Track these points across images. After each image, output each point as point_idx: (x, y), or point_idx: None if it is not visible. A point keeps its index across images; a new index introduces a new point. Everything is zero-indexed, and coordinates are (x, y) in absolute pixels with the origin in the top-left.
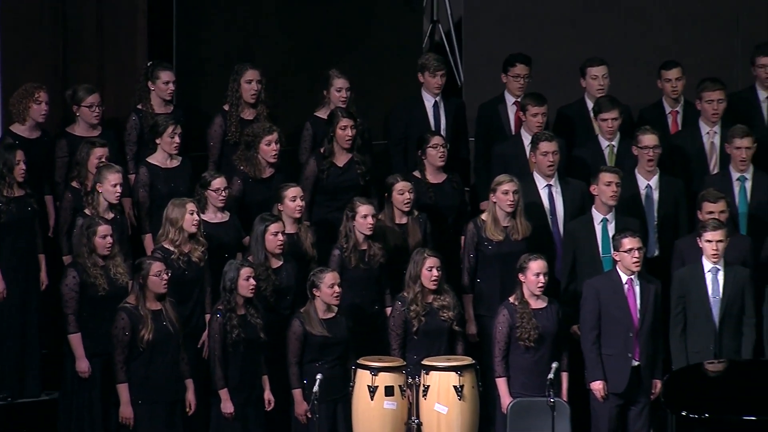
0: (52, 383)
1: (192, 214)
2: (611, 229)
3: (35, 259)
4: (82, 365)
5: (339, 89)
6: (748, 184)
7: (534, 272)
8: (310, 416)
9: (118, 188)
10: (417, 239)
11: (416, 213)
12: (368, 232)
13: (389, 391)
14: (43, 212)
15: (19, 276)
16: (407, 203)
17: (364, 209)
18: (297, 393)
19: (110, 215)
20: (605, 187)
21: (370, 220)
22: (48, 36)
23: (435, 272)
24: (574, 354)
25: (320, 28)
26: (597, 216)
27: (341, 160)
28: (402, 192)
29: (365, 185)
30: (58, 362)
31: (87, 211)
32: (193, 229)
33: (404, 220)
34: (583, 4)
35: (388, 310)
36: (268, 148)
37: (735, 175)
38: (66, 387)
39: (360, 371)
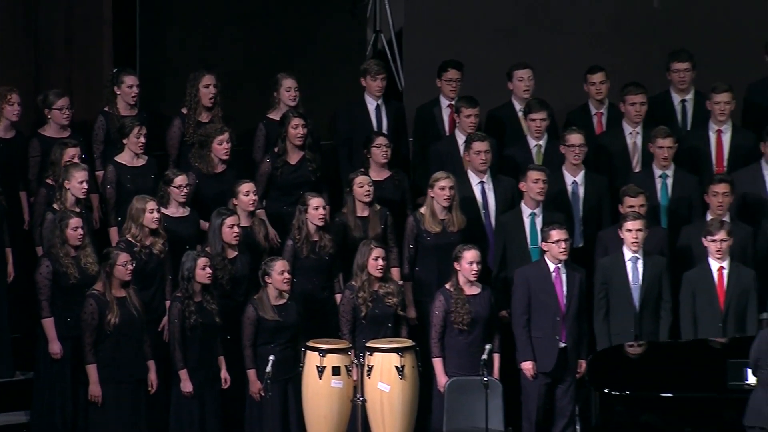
0: (27, 364)
1: (152, 212)
2: (539, 222)
3: (2, 253)
4: (54, 347)
5: (288, 88)
6: (669, 181)
7: (468, 261)
8: (263, 394)
9: (84, 185)
10: (377, 231)
11: (378, 207)
12: (319, 224)
13: (336, 371)
14: (18, 207)
15: None
16: (367, 195)
17: (315, 202)
18: (251, 373)
19: (77, 209)
20: (533, 184)
21: (321, 211)
22: (21, 44)
23: (380, 262)
24: (505, 336)
25: (271, 36)
26: (526, 210)
27: (294, 158)
28: (362, 185)
29: (316, 181)
30: (32, 345)
31: (55, 206)
32: (153, 225)
33: (366, 213)
34: (513, 14)
35: (338, 296)
36: (220, 147)
37: (657, 172)
38: (39, 367)
39: (309, 353)
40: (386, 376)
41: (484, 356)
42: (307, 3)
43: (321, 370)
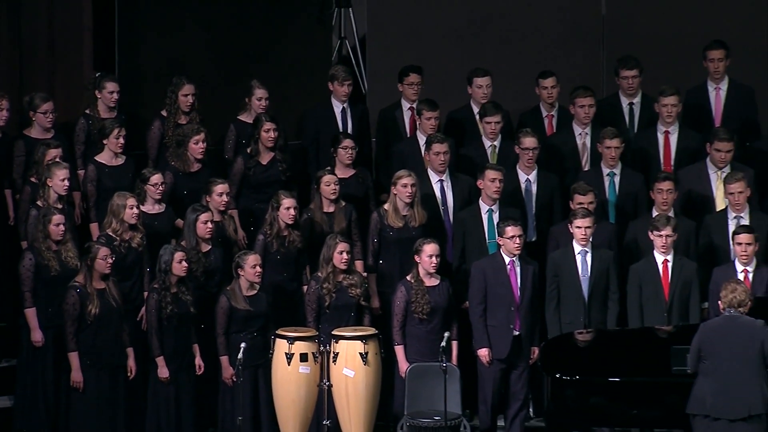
0: (11, 351)
1: (132, 208)
2: (496, 218)
3: None
4: (37, 336)
5: (259, 98)
6: (617, 179)
7: (428, 254)
8: (235, 380)
9: (66, 182)
10: (342, 226)
11: (342, 203)
12: (290, 221)
13: (304, 357)
14: (3, 204)
15: None
16: (333, 193)
17: (287, 202)
18: (224, 360)
19: (60, 206)
20: (490, 182)
21: (292, 211)
22: (5, 51)
23: (345, 255)
24: (463, 325)
25: (242, 43)
26: (484, 207)
27: (265, 158)
28: (329, 184)
29: (286, 180)
30: (16, 333)
31: (39, 203)
32: (133, 221)
33: (331, 209)
34: (469, 22)
35: (306, 287)
36: (196, 147)
37: (605, 170)
38: (22, 355)
39: (278, 340)
40: (351, 362)
41: (443, 343)
42: (276, 11)
43: (289, 356)
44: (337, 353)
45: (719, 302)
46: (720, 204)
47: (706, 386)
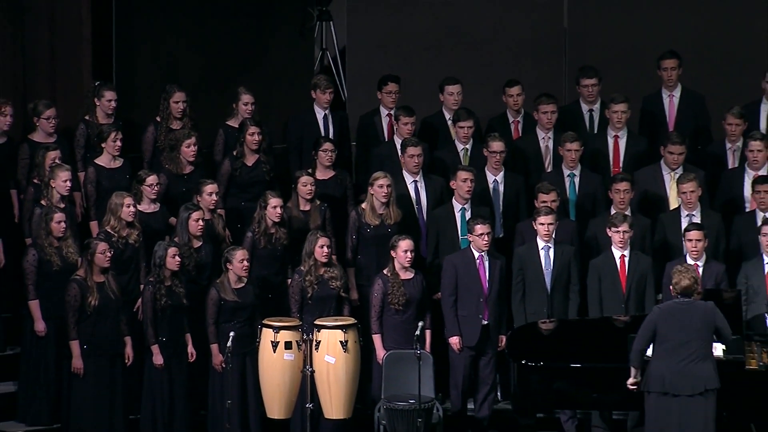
0: (16, 340)
1: (129, 206)
2: (468, 216)
3: None
4: (39, 326)
5: (246, 103)
6: (576, 180)
7: (403, 249)
8: (224, 366)
9: (68, 183)
10: (317, 223)
11: (318, 202)
12: (276, 220)
13: (288, 345)
14: (9, 203)
15: None
16: (309, 193)
17: (274, 201)
18: (214, 347)
19: (62, 205)
20: (462, 183)
21: (278, 210)
22: (10, 60)
23: (326, 249)
24: (435, 315)
25: (230, 53)
26: (456, 206)
27: (250, 160)
28: (305, 184)
29: (270, 180)
30: (20, 323)
31: (43, 202)
32: (130, 218)
33: (307, 207)
34: (442, 34)
35: (289, 280)
36: (188, 150)
37: (566, 172)
38: (26, 343)
39: (265, 329)
40: (332, 350)
41: (417, 332)
42: (262, 25)
43: (275, 344)
44: (319, 341)
45: (671, 287)
46: (673, 203)
47: (662, 365)
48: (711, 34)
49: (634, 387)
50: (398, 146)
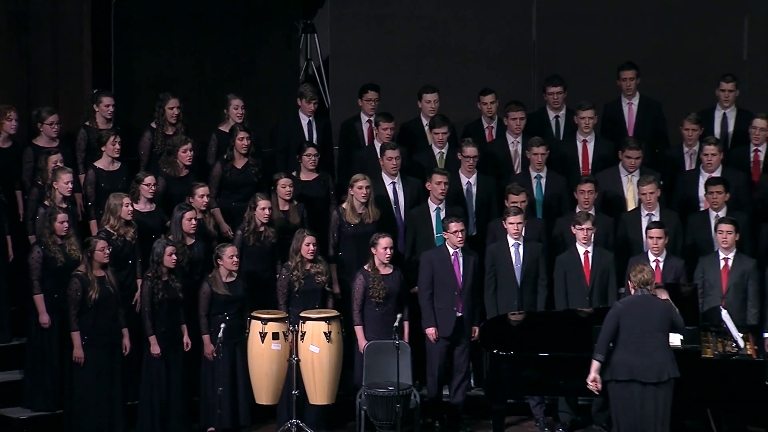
0: (21, 331)
1: (126, 206)
2: (442, 215)
3: (4, 240)
4: (44, 319)
5: (236, 107)
6: (543, 181)
7: (382, 246)
8: (216, 355)
9: (70, 185)
10: (296, 222)
11: (296, 202)
12: (265, 220)
13: (275, 336)
14: (14, 204)
15: None
16: (288, 194)
17: (263, 203)
18: (206, 338)
19: (64, 206)
20: (437, 185)
21: (267, 211)
22: (15, 70)
23: (311, 246)
24: (413, 308)
25: (221, 63)
26: (432, 206)
27: (240, 163)
28: (284, 186)
29: (258, 182)
30: (26, 316)
31: (46, 203)
32: (128, 217)
33: (286, 207)
34: (419, 45)
35: (277, 275)
36: (184, 155)
37: (533, 173)
38: (31, 334)
39: (254, 321)
40: (316, 340)
41: (396, 324)
42: (252, 36)
43: (263, 335)
44: (305, 332)
45: (629, 282)
46: (630, 203)
47: (628, 355)
48: (667, 47)
49: (594, 384)
50: (378, 150)
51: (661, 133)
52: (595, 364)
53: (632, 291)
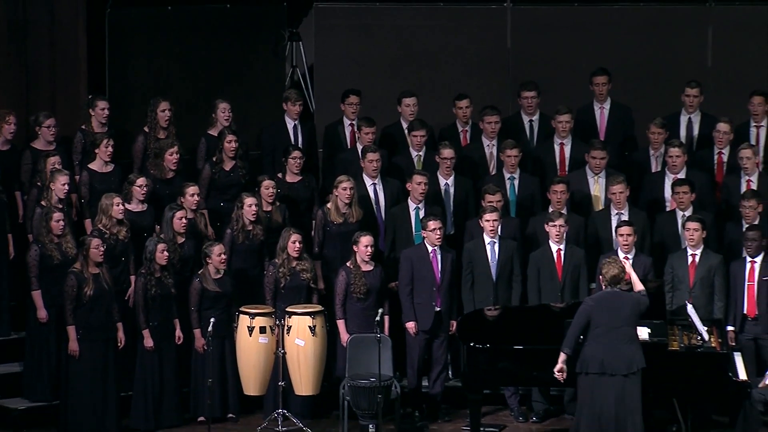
0: (20, 326)
1: (118, 205)
2: (421, 215)
3: (5, 238)
4: (42, 314)
5: (223, 110)
6: (516, 182)
7: (364, 244)
8: (206, 348)
9: (66, 186)
10: (278, 222)
11: (278, 203)
12: (252, 218)
13: (263, 330)
14: (14, 204)
15: None
16: (270, 196)
17: (249, 201)
18: (197, 332)
19: (60, 206)
20: (416, 185)
21: (253, 208)
22: (15, 76)
23: (297, 245)
24: (393, 302)
25: (211, 70)
26: (411, 205)
27: (228, 165)
28: (267, 188)
29: (245, 183)
30: (25, 311)
31: (43, 203)
32: (119, 216)
33: (269, 208)
34: (399, 52)
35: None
36: (171, 158)
37: (507, 175)
38: (30, 329)
39: (242, 316)
40: (301, 334)
41: (377, 318)
42: (240, 44)
43: (251, 329)
44: (290, 326)
45: (600, 277)
46: (597, 202)
47: (598, 349)
48: (636, 53)
49: (561, 374)
50: (360, 153)
51: (631, 137)
52: (562, 356)
53: (603, 287)
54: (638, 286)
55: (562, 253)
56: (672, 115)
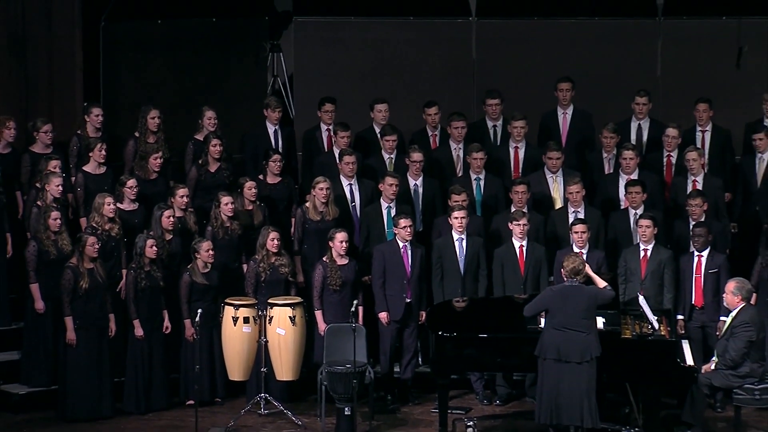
0: (20, 316)
1: (110, 204)
2: (393, 213)
3: (3, 237)
4: (39, 305)
5: (209, 118)
6: (482, 183)
7: (339, 240)
8: (195, 337)
9: (59, 188)
10: (259, 220)
11: (259, 203)
12: (230, 214)
13: (246, 320)
14: (14, 204)
15: None
16: (253, 196)
17: (225, 200)
18: (187, 322)
19: (56, 205)
20: (388, 186)
21: (229, 206)
22: (14, 84)
23: (276, 241)
24: (366, 294)
25: (198, 79)
26: (384, 204)
27: (213, 167)
28: (249, 189)
29: (229, 184)
30: (23, 302)
31: (39, 203)
32: (110, 214)
33: (251, 207)
34: (372, 62)
35: (245, 266)
36: (154, 162)
37: (473, 176)
38: (28, 319)
39: (227, 307)
40: (282, 324)
41: (352, 309)
42: (223, 54)
43: (235, 319)
44: (272, 317)
45: (562, 270)
46: (557, 202)
47: (556, 337)
48: (598, 62)
49: None
50: (336, 156)
51: (590, 140)
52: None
53: (565, 279)
54: (601, 283)
55: (525, 249)
56: (623, 121)
